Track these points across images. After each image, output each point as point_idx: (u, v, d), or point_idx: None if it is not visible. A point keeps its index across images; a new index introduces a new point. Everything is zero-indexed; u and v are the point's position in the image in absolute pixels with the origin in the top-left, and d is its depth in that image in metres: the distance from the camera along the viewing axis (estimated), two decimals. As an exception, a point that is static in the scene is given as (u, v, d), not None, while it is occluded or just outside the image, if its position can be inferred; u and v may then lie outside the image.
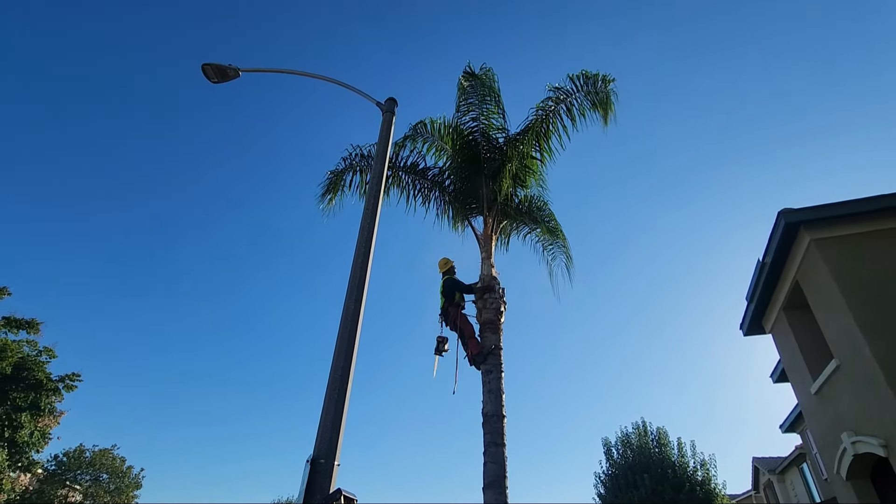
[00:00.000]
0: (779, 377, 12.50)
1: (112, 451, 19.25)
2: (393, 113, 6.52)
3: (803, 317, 9.11)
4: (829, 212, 7.62)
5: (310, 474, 3.87)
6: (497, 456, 6.73)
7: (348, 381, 4.24)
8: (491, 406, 7.12)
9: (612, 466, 19.53)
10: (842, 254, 7.47)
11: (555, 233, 10.44)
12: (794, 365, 9.54)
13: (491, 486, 6.53)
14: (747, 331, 10.89)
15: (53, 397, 14.21)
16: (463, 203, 9.60)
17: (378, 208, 5.43)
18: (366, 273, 4.89)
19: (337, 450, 4.00)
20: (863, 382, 6.92)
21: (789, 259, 8.50)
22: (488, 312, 7.90)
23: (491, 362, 7.42)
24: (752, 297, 9.90)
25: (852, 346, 7.01)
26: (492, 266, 8.48)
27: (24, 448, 13.51)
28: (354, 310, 4.60)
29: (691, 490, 17.26)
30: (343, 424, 4.10)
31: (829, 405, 8.22)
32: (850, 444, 7.41)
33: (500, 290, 8.22)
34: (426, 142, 9.70)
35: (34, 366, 13.68)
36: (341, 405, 4.12)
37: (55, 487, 17.53)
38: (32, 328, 14.95)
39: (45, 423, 14.27)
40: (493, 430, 6.93)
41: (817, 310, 8.03)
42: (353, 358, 4.35)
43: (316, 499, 3.80)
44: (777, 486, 22.48)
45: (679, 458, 18.51)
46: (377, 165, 5.82)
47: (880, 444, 6.62)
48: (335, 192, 9.69)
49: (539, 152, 9.38)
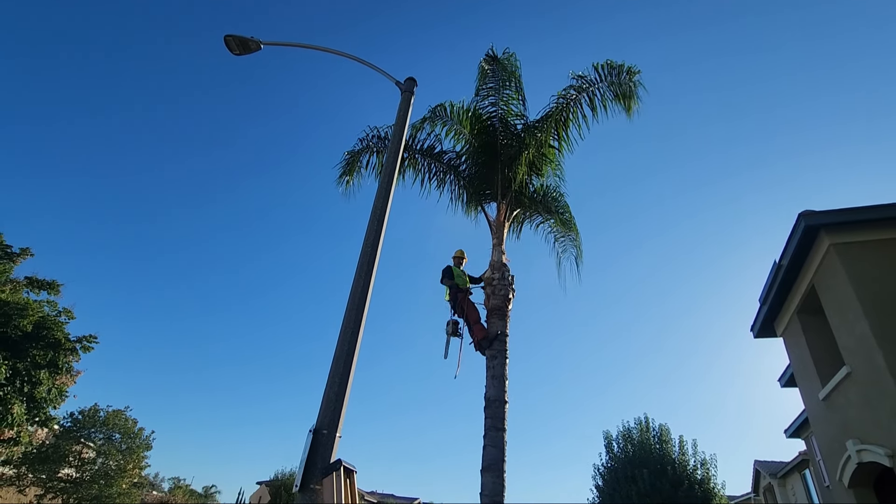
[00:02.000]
0: (787, 382, 12.37)
1: (125, 413, 19.90)
2: (412, 93, 6.48)
3: (816, 322, 8.97)
4: (850, 216, 7.44)
5: (311, 444, 3.96)
6: (497, 440, 6.81)
7: (354, 356, 4.31)
8: (494, 391, 7.18)
9: (611, 460, 19.60)
10: (861, 260, 7.30)
11: (568, 225, 10.36)
12: (803, 370, 9.42)
13: (489, 469, 6.62)
14: (758, 333, 10.76)
15: (71, 357, 14.66)
16: (477, 189, 9.55)
17: (392, 186, 5.44)
18: (377, 250, 4.92)
19: (339, 422, 4.09)
20: (873, 391, 6.82)
21: (806, 262, 8.34)
22: (496, 299, 7.91)
23: (496, 348, 7.46)
24: (765, 299, 9.76)
25: (865, 354, 6.89)
26: (503, 253, 8.47)
27: (42, 404, 14.00)
28: (364, 285, 4.65)
29: (689, 488, 17.28)
30: (347, 397, 4.18)
31: (837, 412, 8.13)
32: (856, 453, 7.34)
33: (510, 277, 8.22)
34: (444, 125, 9.64)
35: (53, 325, 14.10)
36: (346, 378, 4.19)
37: (70, 443, 18.21)
38: (53, 289, 15.39)
39: (62, 380, 14.76)
40: (495, 415, 7.00)
41: (832, 315, 7.89)
42: (359, 333, 4.41)
43: (317, 468, 3.90)
44: (777, 491, 22.38)
45: (679, 456, 18.51)
46: (394, 143, 5.82)
47: (887, 455, 6.54)
48: (352, 174, 9.72)
49: (557, 141, 9.27)
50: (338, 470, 3.82)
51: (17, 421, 13.24)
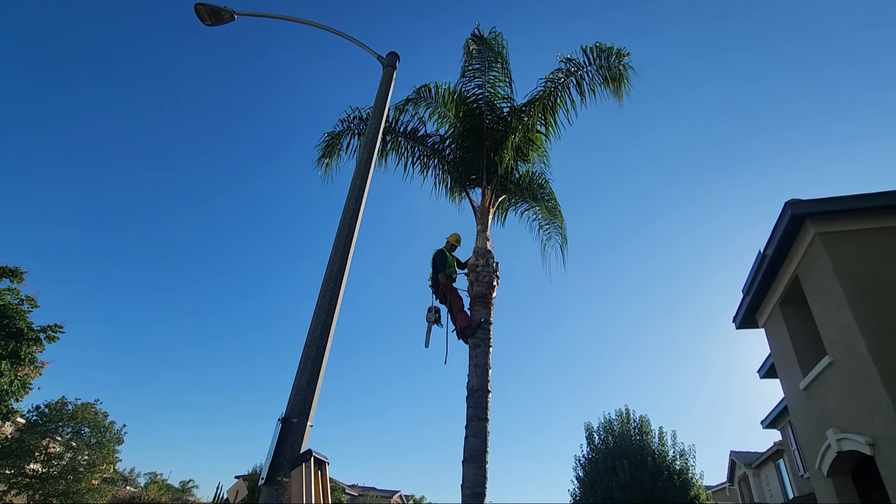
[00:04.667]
0: (766, 373, 12.47)
1: (94, 406, 19.19)
2: (394, 67, 6.17)
3: (799, 312, 8.98)
4: (836, 205, 7.40)
5: (280, 433, 3.68)
6: (479, 430, 6.61)
7: (327, 341, 4.03)
8: (476, 380, 6.97)
9: (592, 451, 19.68)
10: (846, 249, 7.27)
11: (553, 212, 10.18)
12: (784, 360, 9.44)
13: (471, 460, 6.42)
14: (740, 324, 10.77)
15: (34, 347, 13.99)
16: (462, 174, 9.29)
17: (371, 165, 5.15)
18: (353, 231, 4.63)
19: (311, 410, 3.81)
20: (855, 380, 6.81)
21: (791, 252, 8.31)
22: (480, 286, 7.69)
23: (479, 336, 7.24)
24: (748, 290, 9.74)
25: (848, 343, 6.87)
26: (487, 239, 8.24)
27: (3, 396, 13.35)
28: (339, 267, 4.36)
29: (669, 478, 17.44)
30: (319, 385, 3.90)
31: (817, 402, 8.14)
32: (836, 441, 7.34)
33: (494, 264, 8.00)
34: (428, 107, 9.34)
35: (15, 314, 13.42)
36: (318, 364, 3.91)
37: (36, 438, 17.48)
38: (16, 276, 14.61)
39: (25, 372, 14.08)
40: (477, 405, 6.79)
41: (815, 305, 7.87)
42: (333, 317, 4.13)
43: (285, 459, 3.62)
44: (752, 480, 22.85)
45: (659, 447, 18.66)
46: (374, 119, 5.51)
47: (867, 443, 6.53)
48: (331, 156, 9.36)
49: (545, 126, 9.05)
50: (308, 461, 3.55)
51: (-25, 414, 12.59)
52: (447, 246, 8.33)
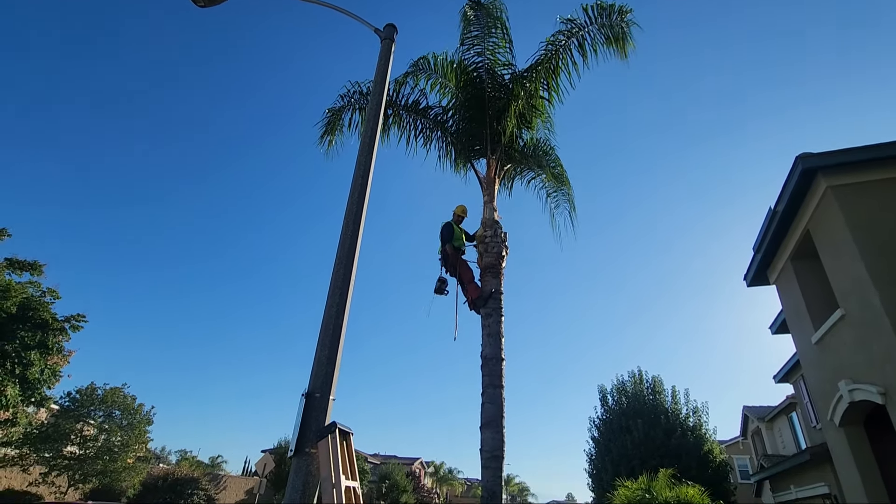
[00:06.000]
0: (778, 328, 12.52)
1: (122, 390, 19.88)
2: (392, 40, 6.06)
3: (810, 267, 8.95)
4: (848, 157, 7.27)
5: (304, 408, 3.83)
6: (495, 397, 6.79)
7: (344, 316, 4.14)
8: (490, 349, 7.11)
9: (606, 412, 20.09)
10: (858, 201, 7.19)
11: (560, 179, 10.11)
12: (796, 315, 9.47)
13: (488, 426, 6.62)
14: (751, 282, 10.76)
15: (60, 337, 14.42)
16: (466, 145, 9.22)
17: (376, 139, 5.14)
18: (362, 208, 4.67)
19: (332, 384, 3.95)
20: (867, 332, 6.84)
21: (803, 207, 8.22)
22: (489, 257, 7.74)
23: (491, 306, 7.34)
24: (759, 247, 9.70)
25: (860, 295, 6.87)
26: (494, 210, 8.24)
27: (36, 385, 13.86)
28: (350, 244, 4.43)
29: (682, 435, 17.80)
30: (339, 359, 4.03)
31: (830, 354, 8.20)
32: (848, 392, 7.43)
33: (502, 234, 8.03)
34: (429, 78, 9.20)
35: (39, 306, 13.79)
36: (336, 340, 4.03)
37: (70, 422, 18.23)
38: (35, 270, 14.96)
39: (54, 361, 14.57)
40: (492, 373, 6.95)
41: (827, 259, 7.84)
42: (348, 293, 4.22)
43: (311, 432, 3.78)
44: (765, 434, 23.22)
45: (672, 405, 18.99)
46: (375, 94, 5.47)
47: (879, 392, 6.62)
48: (333, 132, 9.31)
49: (547, 91, 8.89)
50: (333, 432, 3.71)
51: (11, 402, 13.12)
52: (454, 218, 8.36)
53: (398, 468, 45.47)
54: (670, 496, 8.10)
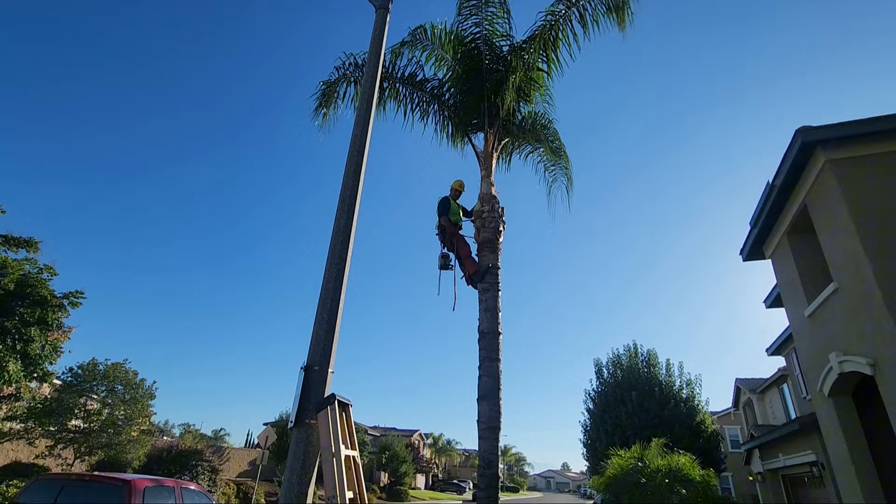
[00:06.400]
0: (772, 303, 12.67)
1: (124, 365, 20.07)
2: (387, 10, 5.92)
3: (805, 241, 9.00)
4: (848, 130, 7.22)
5: (303, 381, 3.90)
6: (492, 370, 6.89)
7: (341, 291, 4.16)
8: (487, 323, 7.18)
9: (601, 384, 20.47)
10: (856, 175, 7.18)
11: (558, 153, 10.01)
12: (790, 289, 9.57)
13: (485, 398, 6.74)
14: (747, 256, 10.83)
15: (60, 313, 14.47)
16: (463, 118, 9.09)
17: (371, 114, 5.08)
18: (358, 182, 4.65)
19: (331, 357, 4.01)
20: (859, 304, 6.93)
21: (800, 181, 8.21)
22: (486, 232, 7.74)
23: (488, 281, 7.38)
24: (756, 221, 9.72)
25: (854, 269, 6.93)
26: (492, 185, 8.19)
27: (38, 360, 13.99)
28: (347, 219, 4.42)
29: (675, 406, 18.21)
30: (336, 333, 4.07)
31: (821, 327, 8.33)
32: (837, 364, 7.58)
33: (500, 209, 8.01)
34: (425, 50, 9.00)
35: (37, 283, 13.79)
36: (334, 314, 4.06)
37: (73, 397, 18.47)
38: (31, 247, 14.89)
39: (55, 337, 14.66)
40: (489, 346, 7.04)
41: (822, 233, 7.87)
42: (345, 268, 4.24)
43: (310, 403, 3.85)
44: (756, 405, 23.76)
45: (666, 378, 19.35)
46: (370, 67, 5.37)
47: (868, 364, 6.75)
48: (328, 105, 9.16)
49: (546, 63, 8.72)
50: (332, 404, 3.79)
51: (13, 378, 13.25)
52: (451, 193, 8.32)
53: (398, 440, 46.53)
54: (662, 464, 8.33)
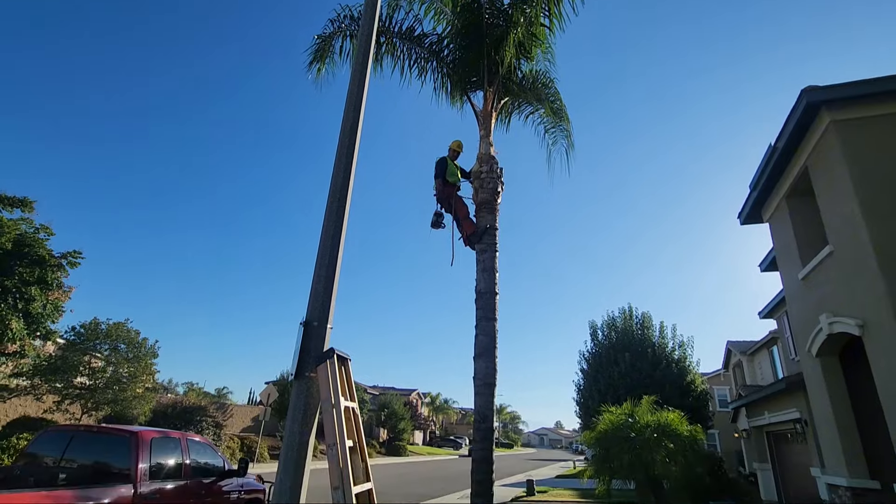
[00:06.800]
0: (767, 266, 12.78)
1: (125, 325, 20.35)
2: (383, -43, 5.65)
3: (804, 205, 9.00)
4: (854, 90, 7.08)
5: (303, 336, 3.96)
6: (488, 329, 7.02)
7: (339, 249, 4.18)
8: (484, 284, 7.25)
9: (596, 346, 20.89)
10: (859, 136, 7.09)
11: (559, 114, 9.83)
12: (786, 252, 9.63)
13: (481, 356, 6.90)
14: (745, 219, 10.84)
15: (59, 273, 14.55)
16: (462, 76, 8.86)
17: (368, 69, 4.94)
18: (355, 140, 4.57)
19: (329, 313, 4.06)
20: (852, 267, 6.99)
21: (803, 143, 8.12)
22: (485, 192, 7.70)
23: (486, 241, 7.40)
24: (756, 184, 9.67)
25: (850, 231, 6.95)
26: (490, 145, 8.08)
27: (40, 319, 14.16)
28: (344, 176, 4.38)
29: (667, 367, 18.66)
30: (335, 290, 4.11)
31: (814, 290, 8.44)
32: (827, 325, 7.73)
33: (498, 170, 7.93)
34: (424, 2, 8.66)
35: (34, 242, 13.79)
36: (332, 271, 4.09)
37: (77, 355, 18.82)
38: (26, 206, 14.80)
39: (55, 296, 14.80)
40: (486, 306, 7.14)
41: (822, 196, 7.85)
42: (343, 225, 4.24)
43: (310, 357, 3.93)
44: (746, 366, 24.40)
45: (660, 340, 19.74)
46: (366, 19, 5.18)
47: (857, 325, 6.88)
48: (323, 60, 8.89)
49: (548, 18, 8.43)
50: (331, 358, 3.87)
51: (17, 335, 13.45)
52: (450, 153, 8.22)
53: (396, 398, 47.89)
54: (651, 420, 8.63)
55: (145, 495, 5.51)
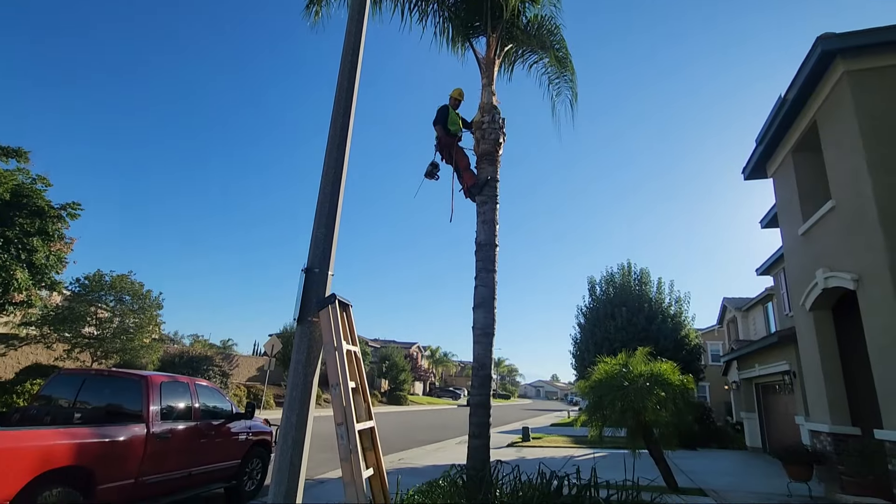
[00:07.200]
0: (768, 223, 12.77)
1: (129, 277, 20.58)
2: None
3: (809, 160, 8.89)
4: (871, 38, 6.84)
5: (305, 282, 4.02)
6: (487, 280, 7.09)
7: (339, 194, 4.16)
8: (484, 236, 7.26)
9: (594, 301, 21.21)
10: (871, 88, 6.91)
11: (563, 63, 9.49)
12: (787, 207, 9.60)
13: (480, 306, 7.01)
14: (749, 174, 10.74)
15: (59, 224, 14.56)
16: (464, 20, 8.50)
17: (366, 10, 4.74)
18: (354, 83, 4.45)
19: (330, 260, 4.10)
20: (853, 222, 6.99)
21: (814, 94, 7.91)
22: (486, 143, 7.57)
23: (486, 193, 7.35)
24: (762, 138, 9.51)
25: (854, 186, 6.90)
26: (493, 94, 7.87)
27: (44, 270, 14.30)
28: (342, 123, 4.30)
29: (663, 321, 19.03)
30: (335, 236, 4.13)
31: (813, 245, 8.47)
32: (823, 279, 7.82)
33: (500, 120, 7.76)
34: (424, -61, 8.18)
35: (32, 193, 13.70)
36: (332, 218, 4.10)
37: (83, 305, 19.14)
38: (21, 157, 14.61)
39: (58, 248, 14.88)
40: (485, 258, 7.18)
41: (828, 150, 7.74)
42: (342, 172, 4.20)
43: (312, 303, 4.00)
44: (740, 322, 24.87)
45: (657, 295, 20.02)
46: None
47: (852, 279, 6.96)
48: (320, 3, 8.50)
49: (557, -44, 7.99)
50: (332, 303, 3.95)
51: (23, 285, 13.63)
52: (451, 102, 8.01)
53: (397, 351, 49.12)
54: (645, 370, 8.89)
55: (158, 434, 5.78)
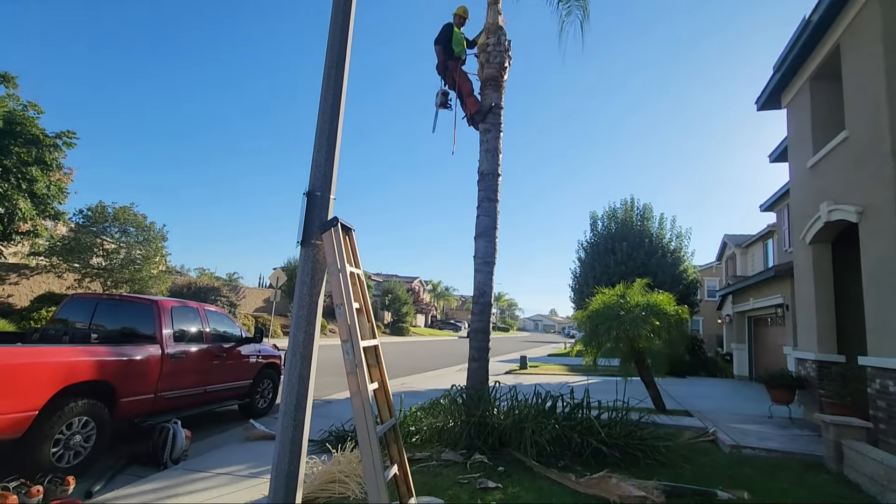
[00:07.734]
0: (777, 157, 12.51)
1: (132, 209, 20.59)
2: None
3: (826, 89, 8.55)
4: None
5: (307, 205, 4.02)
6: (489, 210, 7.09)
7: (339, 116, 4.07)
8: (487, 165, 7.17)
9: (595, 236, 21.29)
10: (903, 9, 6.47)
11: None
12: (799, 139, 9.36)
13: (482, 235, 7.07)
14: (763, 104, 10.38)
15: (56, 154, 14.36)
16: (470, -71, 7.84)
17: None
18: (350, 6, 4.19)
19: (331, 183, 4.08)
20: (865, 152, 6.84)
21: (839, 17, 7.45)
22: (491, 68, 7.26)
23: (490, 121, 7.17)
24: (780, 65, 9.08)
25: (871, 115, 6.68)
26: (499, 13, 7.43)
27: (46, 200, 14.30)
28: (341, 41, 4.10)
29: (662, 256, 19.21)
30: (336, 160, 4.08)
31: (820, 178, 8.36)
32: (826, 213, 7.79)
33: (506, 42, 7.39)
34: None
35: (24, 121, 13.39)
36: (333, 139, 4.03)
37: (90, 236, 19.33)
38: (9, 82, 14.11)
39: (57, 178, 14.78)
40: (488, 187, 7.14)
41: (848, 77, 7.41)
42: (342, 90, 4.07)
43: (315, 226, 4.04)
44: (738, 259, 25.09)
45: (658, 230, 20.06)
46: None
47: (856, 212, 6.93)
48: None
49: None
50: (335, 226, 3.98)
51: (27, 215, 13.69)
52: (455, 20, 7.59)
53: (399, 285, 50.15)
54: (641, 300, 9.11)
55: (173, 354, 6.06)
